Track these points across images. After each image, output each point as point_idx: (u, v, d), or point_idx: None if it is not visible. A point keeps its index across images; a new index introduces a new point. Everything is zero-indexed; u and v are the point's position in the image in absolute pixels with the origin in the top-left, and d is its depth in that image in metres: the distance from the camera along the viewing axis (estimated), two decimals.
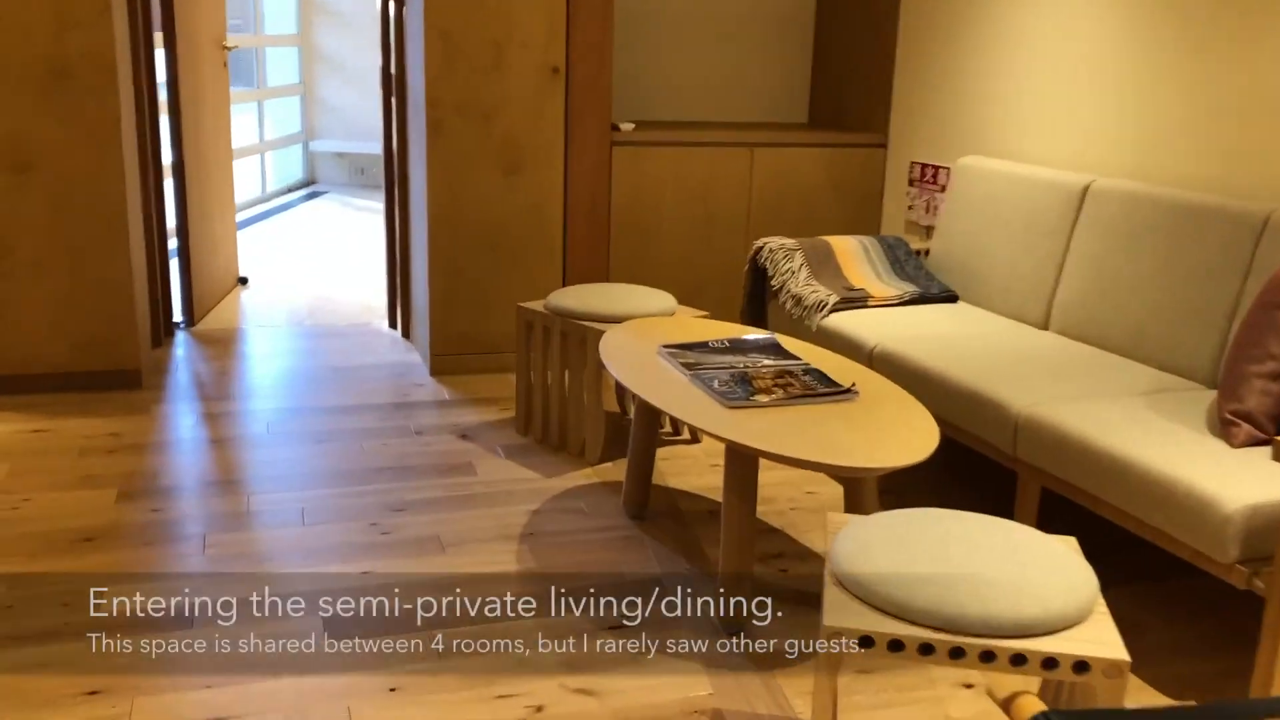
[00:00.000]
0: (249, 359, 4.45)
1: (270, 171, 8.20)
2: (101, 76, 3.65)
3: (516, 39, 4.02)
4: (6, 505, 2.95)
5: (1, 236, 3.64)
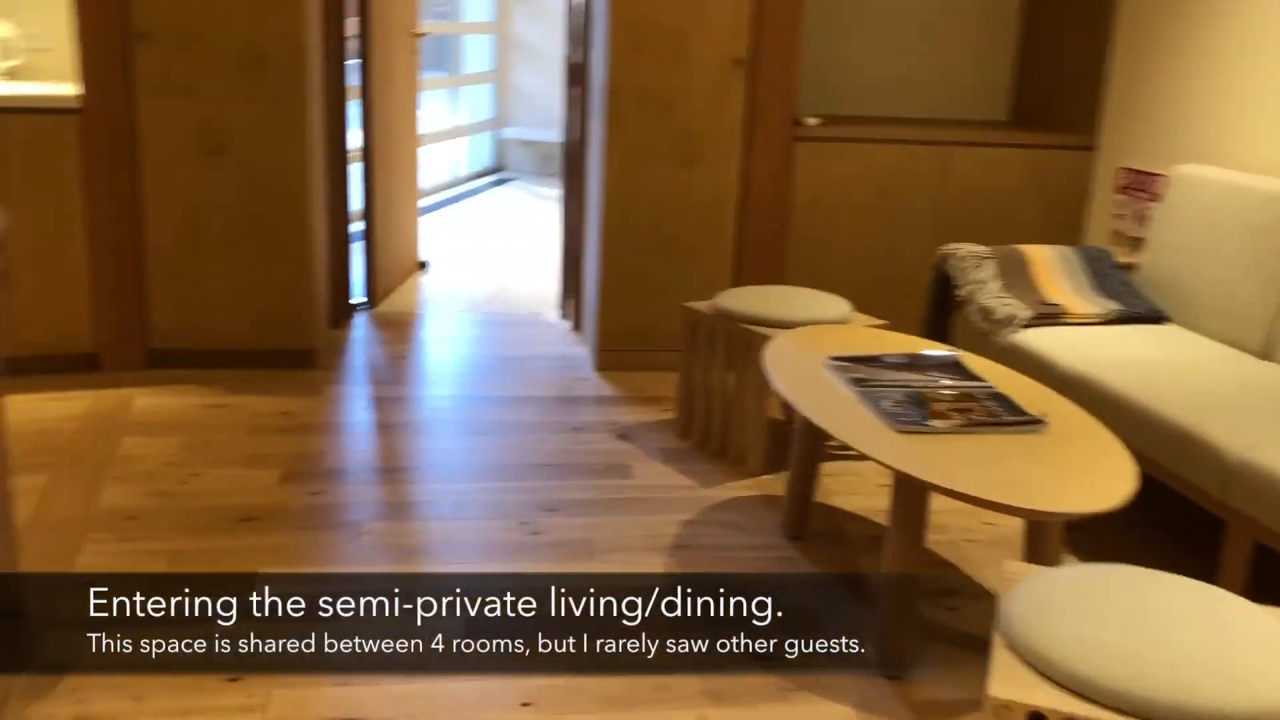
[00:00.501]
0: (422, 344, 4.50)
1: (461, 158, 8.35)
2: (293, 61, 3.72)
3: (702, 28, 3.89)
4: (176, 479, 3.04)
5: (195, 215, 3.77)
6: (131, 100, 3.62)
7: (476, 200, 7.75)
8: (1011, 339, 3.24)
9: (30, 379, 3.63)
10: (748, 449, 3.27)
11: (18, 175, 3.55)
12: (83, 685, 2.12)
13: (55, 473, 3.03)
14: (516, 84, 8.83)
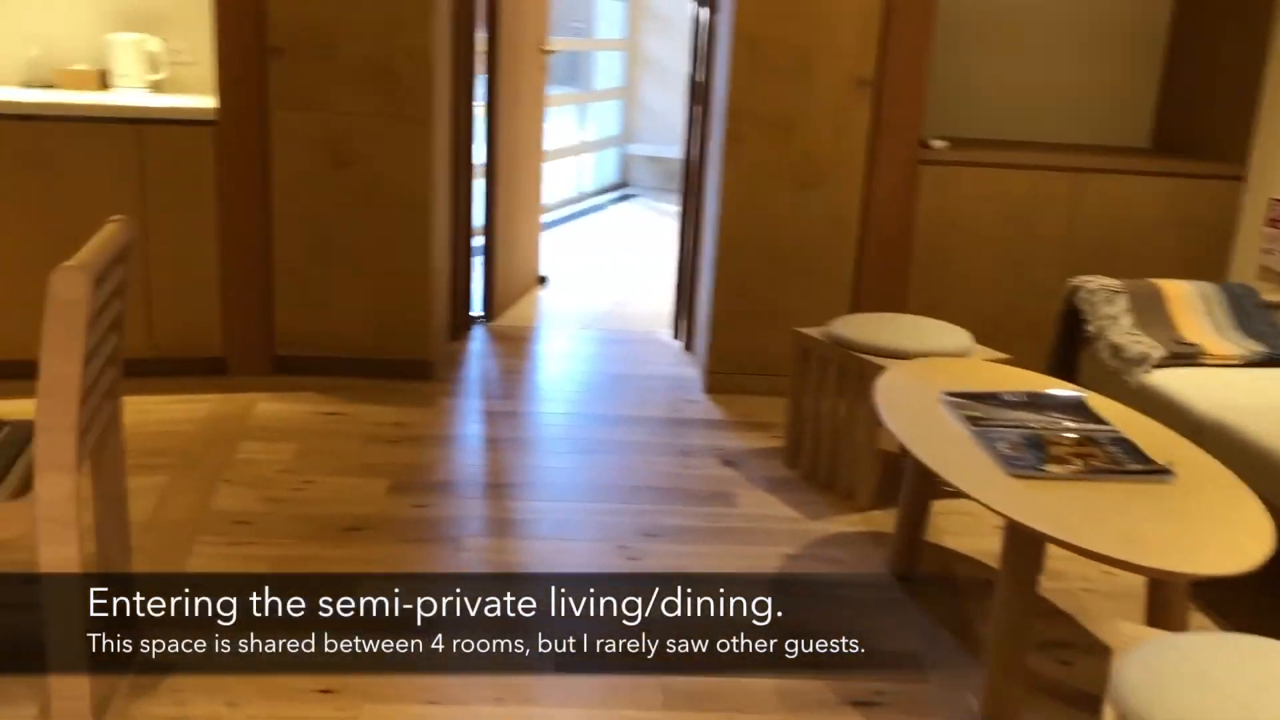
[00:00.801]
0: (537, 359, 4.53)
1: (586, 173, 8.42)
2: (421, 77, 3.79)
3: (826, 48, 3.82)
4: (289, 485, 3.11)
5: (322, 226, 3.87)
6: (265, 113, 3.74)
7: (600, 216, 7.79)
8: (1143, 380, 3.07)
9: (161, 380, 3.77)
10: (857, 482, 3.18)
11: (159, 184, 3.70)
12: (184, 686, 2.17)
13: (174, 474, 3.13)
14: (645, 100, 8.86)
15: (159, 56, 3.91)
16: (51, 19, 3.90)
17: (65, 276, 1.84)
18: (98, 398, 2.15)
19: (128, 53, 3.85)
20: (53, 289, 1.83)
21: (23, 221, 3.61)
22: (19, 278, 3.55)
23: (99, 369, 2.11)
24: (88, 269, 1.87)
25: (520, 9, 4.84)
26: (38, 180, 3.60)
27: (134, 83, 3.87)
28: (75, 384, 1.89)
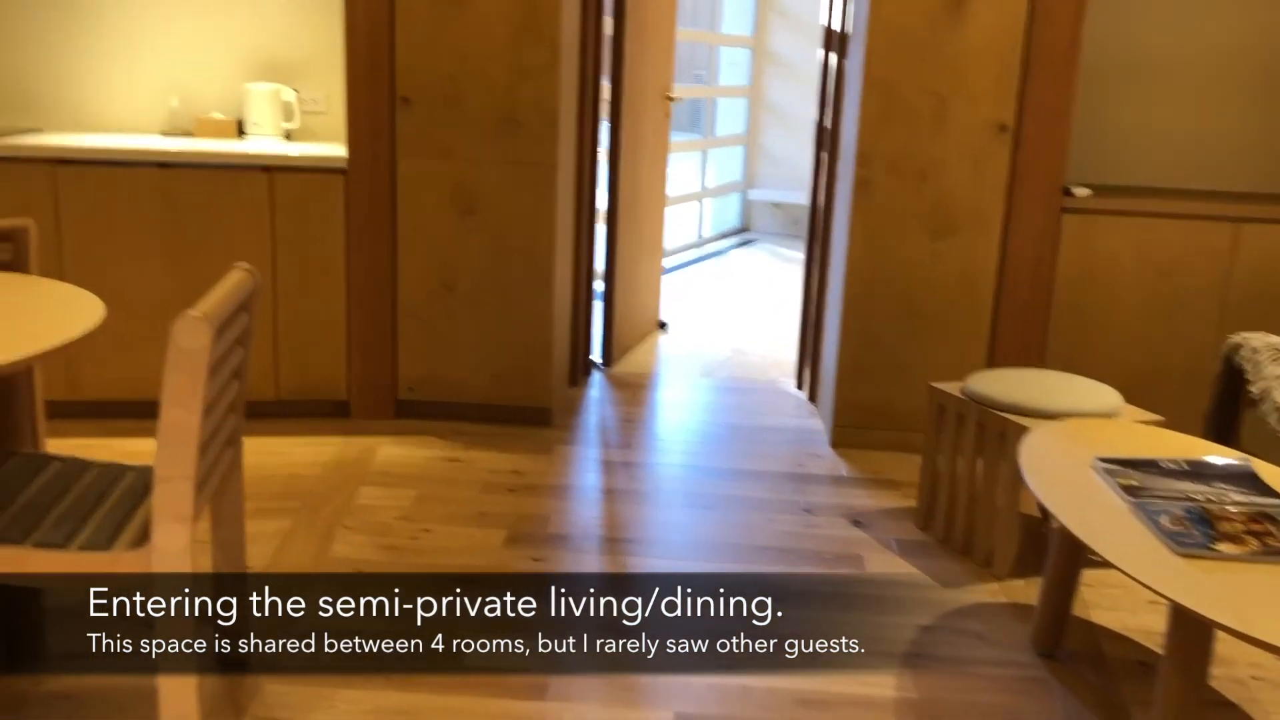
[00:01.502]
0: (655, 407, 4.44)
1: (707, 218, 8.37)
2: (546, 125, 3.78)
3: (962, 92, 3.67)
4: (407, 533, 3.07)
5: (446, 272, 3.87)
6: (393, 161, 3.77)
7: (721, 261, 7.71)
8: None
9: (286, 423, 3.81)
10: (996, 548, 2.98)
11: (290, 230, 3.76)
12: None
13: (295, 519, 3.13)
14: (767, 146, 8.79)
15: (293, 106, 4.00)
16: (192, 70, 4.03)
17: (188, 325, 1.82)
18: (218, 446, 2.14)
19: (263, 102, 3.94)
20: (175, 337, 1.82)
21: (160, 264, 3.70)
22: (156, 319, 3.63)
23: (220, 417, 2.10)
24: (210, 318, 1.86)
25: (645, 58, 4.82)
26: (175, 225, 3.69)
27: (268, 131, 3.96)
28: (194, 434, 1.87)
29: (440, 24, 3.68)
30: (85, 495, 2.11)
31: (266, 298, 3.75)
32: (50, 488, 2.12)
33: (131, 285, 3.66)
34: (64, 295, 2.30)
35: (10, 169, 3.59)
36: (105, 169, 3.64)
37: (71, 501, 2.08)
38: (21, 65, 3.97)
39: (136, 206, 3.66)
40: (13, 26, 3.93)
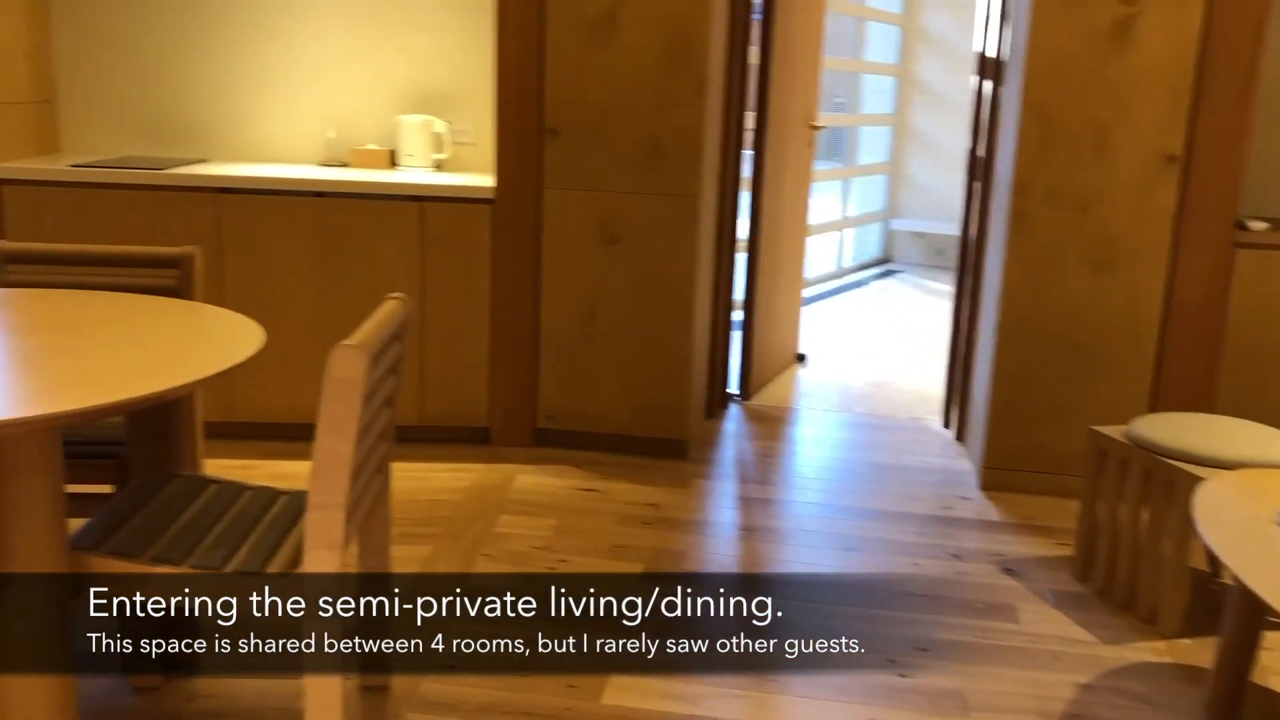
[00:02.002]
0: (794, 442, 4.36)
1: (848, 248, 8.23)
2: (690, 155, 3.76)
3: (1127, 121, 3.50)
4: (544, 563, 3.07)
5: (588, 302, 3.88)
6: (539, 191, 3.81)
7: (861, 292, 7.57)
8: None
9: (429, 448, 3.87)
10: (1162, 604, 2.80)
11: (438, 259, 3.83)
12: None
13: (437, 545, 3.16)
14: (911, 175, 8.61)
15: (443, 137, 4.08)
16: (349, 102, 4.16)
17: (343, 355, 1.85)
18: (369, 473, 2.16)
19: (415, 133, 4.04)
20: (331, 367, 1.84)
21: (315, 291, 3.81)
22: (310, 344, 3.74)
23: (371, 445, 2.12)
24: (365, 348, 1.88)
25: (790, 86, 4.77)
26: (329, 252, 3.80)
27: (419, 162, 4.05)
28: (348, 462, 1.89)
29: (589, 56, 3.71)
30: (240, 519, 2.16)
31: (415, 324, 3.81)
32: (208, 510, 2.18)
33: (287, 310, 3.78)
34: (227, 321, 2.37)
35: (179, 197, 3.76)
36: (266, 198, 3.78)
37: (227, 524, 2.13)
38: (191, 99, 4.16)
39: (294, 234, 3.79)
40: (184, 63, 4.13)
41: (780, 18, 4.50)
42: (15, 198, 3.73)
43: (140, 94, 4.15)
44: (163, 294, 2.55)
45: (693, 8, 3.66)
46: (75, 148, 4.17)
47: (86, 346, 2.18)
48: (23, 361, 2.12)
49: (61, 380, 2.00)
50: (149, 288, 2.56)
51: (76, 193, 3.74)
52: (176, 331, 2.33)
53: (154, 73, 4.14)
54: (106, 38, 4.10)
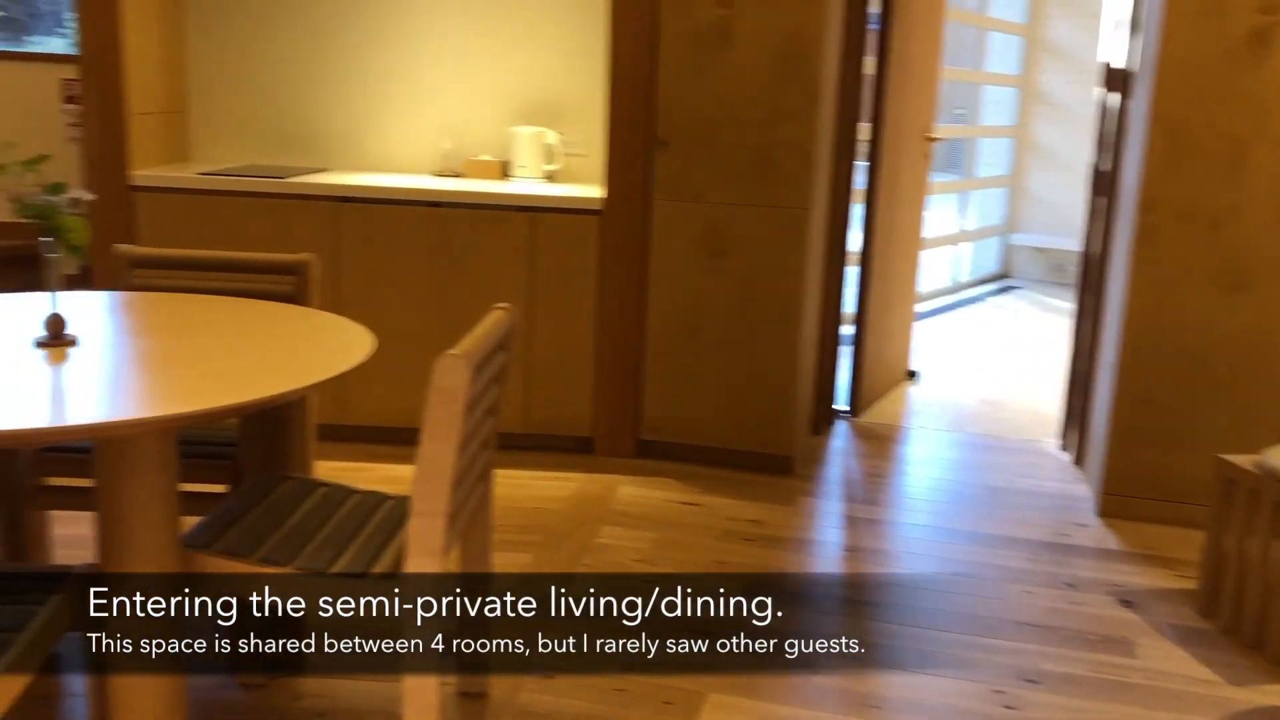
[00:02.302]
0: (903, 461, 4.26)
1: (965, 262, 8.05)
2: (801, 168, 3.72)
3: (1265, 135, 3.34)
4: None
5: (693, 315, 3.86)
6: (647, 203, 3.81)
7: (977, 308, 7.38)
8: None
9: (533, 455, 3.90)
10: None
11: (546, 269, 3.86)
12: None
13: (538, 553, 3.17)
14: (1031, 188, 8.38)
15: (555, 148, 4.12)
16: (465, 114, 4.23)
17: (448, 364, 1.86)
18: (471, 481, 2.18)
19: (527, 145, 4.08)
20: (435, 376, 1.86)
21: (427, 298, 3.88)
22: (422, 351, 3.80)
23: (474, 453, 2.14)
24: (469, 357, 1.89)
25: (906, 98, 4.67)
26: (442, 261, 3.86)
27: (531, 173, 4.09)
28: (450, 470, 1.91)
29: (701, 67, 3.69)
30: (347, 522, 2.20)
31: (522, 333, 3.86)
32: (316, 513, 2.23)
33: (401, 317, 3.85)
34: (339, 327, 2.42)
35: (300, 205, 3.87)
36: (382, 207, 3.87)
37: (334, 527, 2.17)
38: (314, 111, 4.29)
39: (409, 243, 3.86)
40: (308, 77, 4.26)
41: (897, 28, 4.42)
42: (147, 204, 3.89)
43: (266, 105, 4.30)
44: (280, 299, 2.62)
45: (806, 19, 3.62)
46: (204, 157, 4.33)
47: (203, 350, 2.25)
48: (143, 363, 2.19)
49: (178, 382, 2.06)
50: (267, 293, 2.63)
51: (203, 200, 3.88)
52: (290, 337, 2.39)
53: (280, 85, 4.28)
54: (236, 52, 4.25)
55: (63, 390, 2.03)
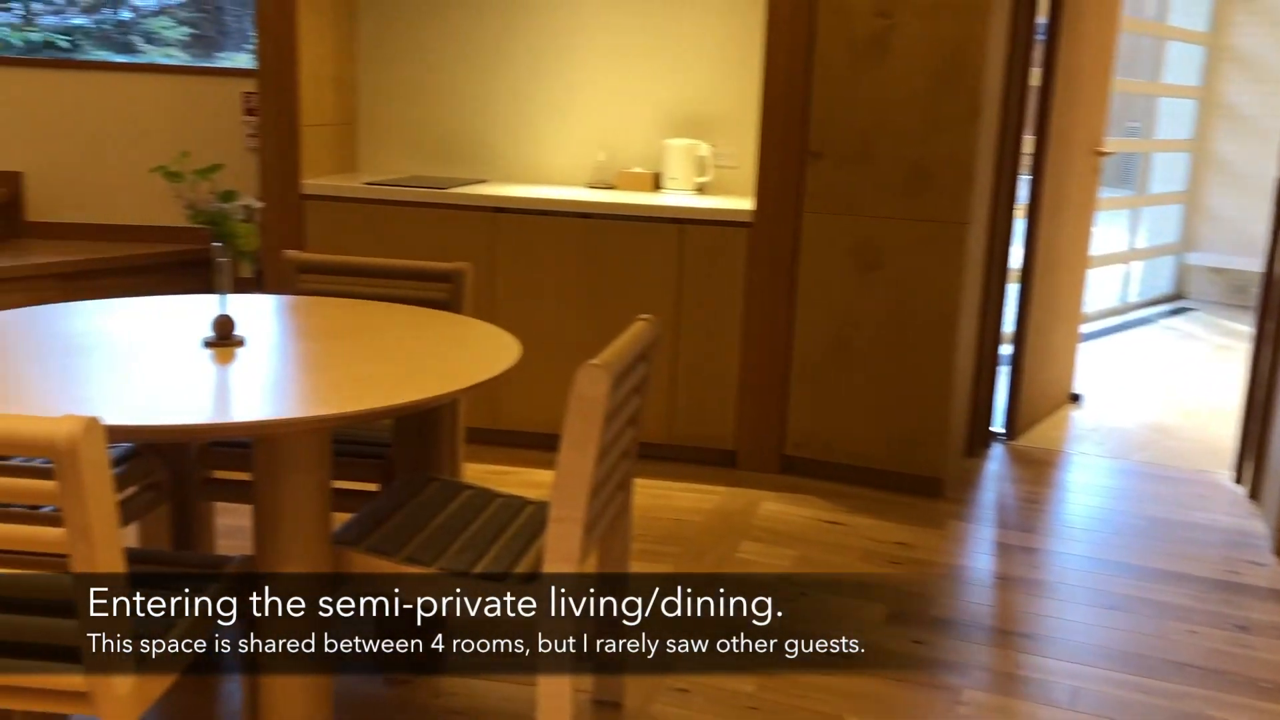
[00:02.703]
0: (1062, 488, 4.08)
1: (1135, 282, 7.68)
2: (960, 181, 3.61)
3: None
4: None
5: (842, 330, 3.80)
6: (797, 216, 3.77)
7: (1148, 330, 7.02)
8: None
9: (675, 467, 3.90)
10: None
11: (694, 280, 3.86)
12: None
13: (676, 565, 3.16)
14: (1210, 205, 7.93)
15: (707, 160, 4.12)
16: (619, 126, 4.27)
17: (588, 374, 1.88)
18: (610, 490, 2.19)
19: (679, 157, 4.09)
20: (576, 385, 1.88)
21: (577, 308, 3.93)
22: (570, 360, 3.86)
23: (613, 462, 2.15)
24: (610, 367, 1.90)
25: (1074, 110, 4.49)
26: (592, 272, 3.91)
27: (682, 185, 4.10)
28: (588, 479, 1.92)
29: (857, 77, 3.63)
30: (489, 525, 2.24)
31: (668, 344, 3.87)
32: (460, 515, 2.28)
33: (552, 326, 3.92)
34: (488, 334, 2.47)
35: (459, 215, 3.98)
36: (536, 218, 3.94)
37: (476, 530, 2.21)
38: (475, 123, 4.41)
39: (560, 254, 3.93)
40: (470, 90, 4.38)
41: (1066, 38, 4.25)
42: (315, 212, 4.07)
43: (430, 118, 4.44)
44: (435, 306, 2.69)
45: (969, 29, 3.52)
46: (371, 167, 4.50)
47: (360, 353, 2.33)
48: (303, 365, 2.29)
49: (335, 384, 2.14)
50: (423, 299, 2.72)
51: (368, 209, 4.03)
52: (442, 342, 2.45)
53: (443, 99, 4.41)
54: (403, 68, 4.41)
55: (228, 388, 2.13)
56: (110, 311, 2.52)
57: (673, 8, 4.18)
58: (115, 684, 1.63)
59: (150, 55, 7.93)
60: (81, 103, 5.40)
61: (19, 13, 7.84)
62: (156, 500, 2.51)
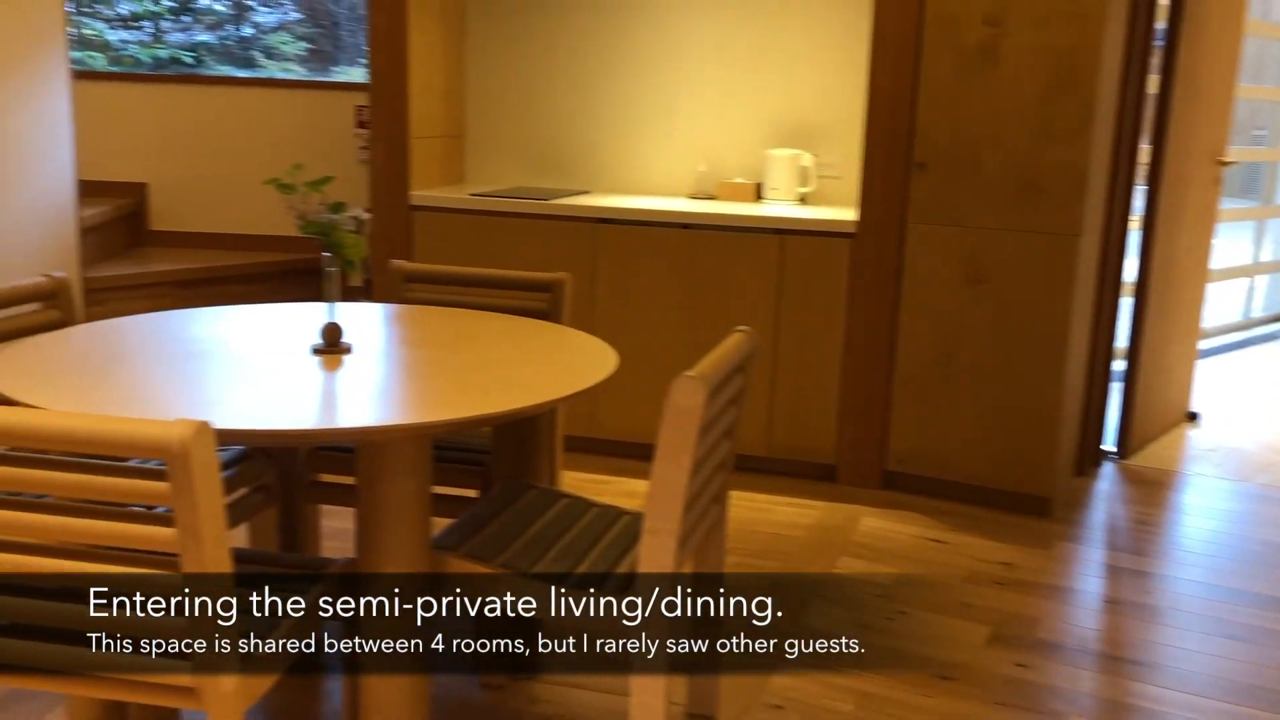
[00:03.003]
0: (1177, 510, 3.93)
1: (1259, 297, 7.35)
2: (1072, 192, 3.51)
3: None
4: (884, 613, 2.94)
5: (947, 343, 3.72)
6: (902, 227, 3.70)
7: (1272, 347, 6.72)
8: None
9: (774, 480, 3.87)
10: None
11: (795, 291, 3.83)
12: None
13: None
14: None
15: (809, 171, 4.08)
16: (720, 137, 4.27)
17: (684, 385, 1.87)
18: (705, 502, 2.18)
19: (781, 167, 4.07)
20: (671, 396, 1.88)
21: (677, 319, 3.93)
22: (668, 370, 3.86)
23: (708, 474, 2.14)
24: (706, 379, 1.90)
25: (1194, 118, 4.33)
26: (692, 283, 3.91)
27: (784, 195, 4.07)
28: (682, 490, 1.91)
29: (965, 86, 3.56)
30: (584, 534, 2.25)
31: (767, 356, 3.84)
32: (556, 523, 2.29)
33: (651, 336, 3.93)
34: (586, 344, 2.49)
35: (561, 226, 4.02)
36: (637, 229, 3.96)
37: (572, 539, 2.23)
38: (579, 135, 4.45)
39: (660, 264, 3.93)
40: (575, 102, 4.43)
41: (1186, 44, 4.10)
42: (423, 222, 4.16)
43: (536, 131, 4.50)
44: (535, 316, 2.72)
45: (1083, 38, 3.42)
46: (478, 178, 4.58)
47: (462, 362, 2.36)
48: (407, 372, 2.33)
49: (437, 392, 2.18)
50: (524, 309, 2.75)
51: (473, 219, 4.10)
52: (541, 351, 2.48)
53: (548, 112, 4.47)
54: (509, 82, 4.48)
55: (335, 394, 2.19)
56: (224, 318, 2.61)
57: (778, 18, 4.16)
58: (221, 682, 1.68)
59: (270, 70, 8.22)
60: (203, 116, 5.63)
61: (149, 30, 8.20)
62: (266, 502, 2.58)
